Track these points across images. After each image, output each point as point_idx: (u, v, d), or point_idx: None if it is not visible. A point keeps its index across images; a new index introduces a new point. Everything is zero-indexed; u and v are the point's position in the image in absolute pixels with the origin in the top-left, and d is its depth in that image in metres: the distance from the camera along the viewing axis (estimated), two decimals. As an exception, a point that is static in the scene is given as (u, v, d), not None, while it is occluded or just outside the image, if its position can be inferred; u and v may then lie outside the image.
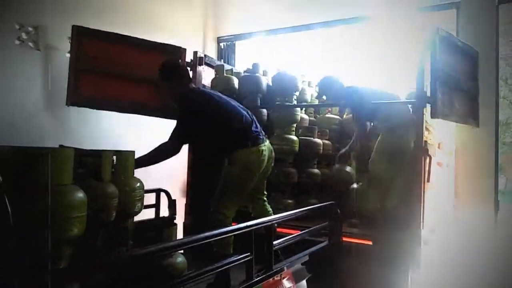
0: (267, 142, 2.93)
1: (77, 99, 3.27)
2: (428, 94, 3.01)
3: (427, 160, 3.07)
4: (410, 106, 3.55)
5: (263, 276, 2.26)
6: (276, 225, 2.72)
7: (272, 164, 3.05)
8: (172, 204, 3.16)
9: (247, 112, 2.96)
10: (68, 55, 3.35)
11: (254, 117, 2.99)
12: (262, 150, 2.82)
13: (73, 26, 3.26)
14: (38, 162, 1.42)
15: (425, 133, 3.24)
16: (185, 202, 3.78)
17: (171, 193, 3.19)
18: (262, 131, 2.96)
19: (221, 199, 2.83)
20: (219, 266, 1.99)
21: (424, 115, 3.09)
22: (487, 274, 3.94)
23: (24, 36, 3.41)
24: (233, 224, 2.59)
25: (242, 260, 2.11)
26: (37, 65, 3.55)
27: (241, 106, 3.03)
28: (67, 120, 3.68)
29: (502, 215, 4.22)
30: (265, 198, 3.16)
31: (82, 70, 3.27)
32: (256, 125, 2.92)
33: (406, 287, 2.87)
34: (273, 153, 3.04)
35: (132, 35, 3.46)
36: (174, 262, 1.98)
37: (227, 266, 2.04)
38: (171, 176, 4.09)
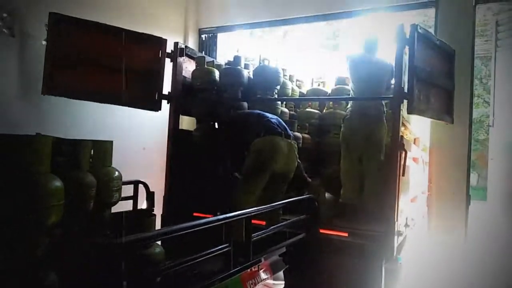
0: (288, 140, 3.24)
1: (53, 88, 3.19)
2: (406, 90, 3.06)
3: (403, 155, 3.13)
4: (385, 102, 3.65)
5: (241, 266, 2.28)
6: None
7: (293, 167, 3.30)
8: (150, 196, 3.15)
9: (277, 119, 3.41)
10: (44, 43, 3.26)
11: (284, 124, 3.41)
12: (277, 141, 3.16)
13: (50, 13, 3.18)
14: (15, 150, 1.40)
15: (401, 128, 3.30)
16: (163, 194, 3.75)
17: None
18: (286, 131, 3.30)
19: (240, 184, 3.19)
20: (198, 257, 1.99)
21: (401, 111, 3.15)
22: (457, 268, 4.08)
23: (-2, 22, 3.31)
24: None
25: (221, 251, 2.12)
26: (12, 52, 3.45)
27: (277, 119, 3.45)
28: (43, 108, 3.60)
29: (473, 210, 4.37)
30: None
31: (59, 58, 3.19)
32: (281, 126, 3.31)
33: (381, 278, 2.94)
34: (296, 154, 3.31)
35: (112, 25, 3.40)
36: (152, 252, 1.98)
37: (206, 257, 2.04)
38: (149, 168, 4.07)
